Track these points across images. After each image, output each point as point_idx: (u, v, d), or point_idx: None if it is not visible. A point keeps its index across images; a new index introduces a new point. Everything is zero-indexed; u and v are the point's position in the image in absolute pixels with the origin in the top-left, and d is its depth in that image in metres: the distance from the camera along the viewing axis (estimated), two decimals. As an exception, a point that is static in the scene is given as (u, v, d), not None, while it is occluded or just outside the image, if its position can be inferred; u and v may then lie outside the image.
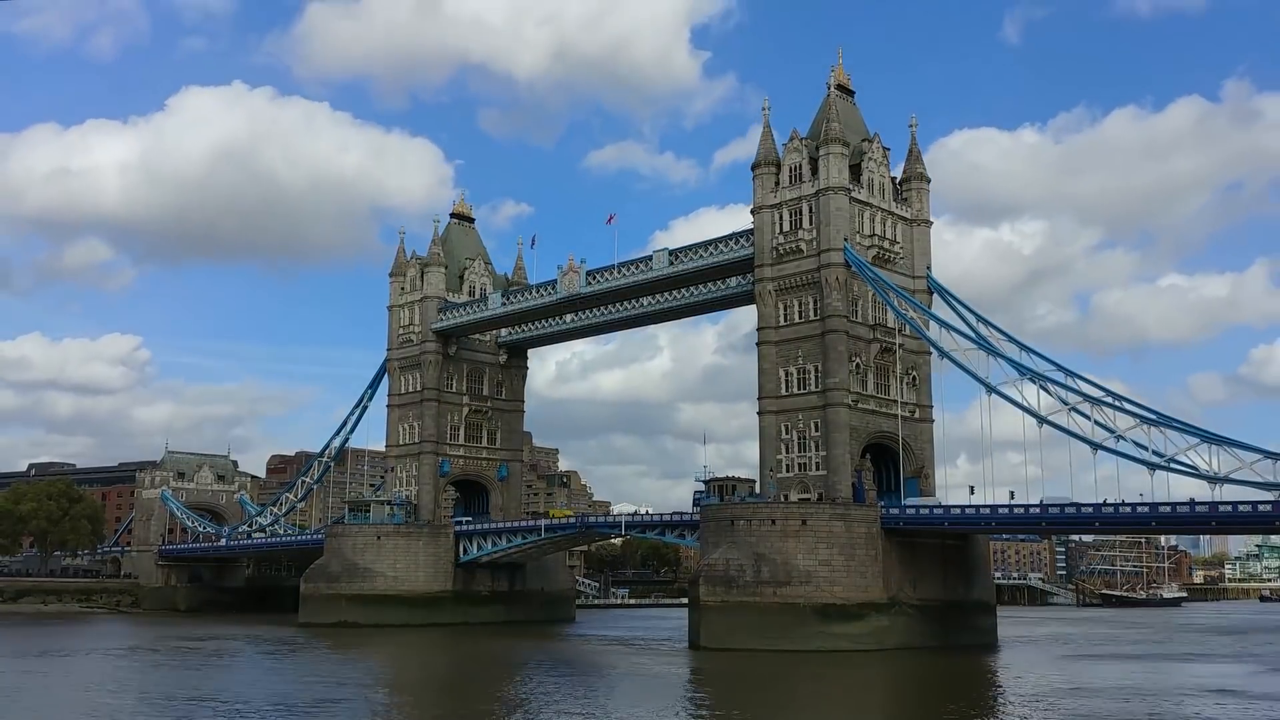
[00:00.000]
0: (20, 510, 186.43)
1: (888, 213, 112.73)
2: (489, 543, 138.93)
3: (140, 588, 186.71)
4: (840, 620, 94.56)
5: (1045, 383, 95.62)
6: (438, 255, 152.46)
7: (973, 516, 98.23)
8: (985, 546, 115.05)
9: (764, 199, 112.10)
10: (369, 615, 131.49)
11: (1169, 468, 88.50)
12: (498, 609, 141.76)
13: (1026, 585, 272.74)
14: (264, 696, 62.95)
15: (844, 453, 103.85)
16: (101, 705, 60.22)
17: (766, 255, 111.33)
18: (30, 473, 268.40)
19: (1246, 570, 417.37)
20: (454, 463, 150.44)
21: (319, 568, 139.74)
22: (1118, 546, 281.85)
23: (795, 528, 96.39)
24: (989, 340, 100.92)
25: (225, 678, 76.31)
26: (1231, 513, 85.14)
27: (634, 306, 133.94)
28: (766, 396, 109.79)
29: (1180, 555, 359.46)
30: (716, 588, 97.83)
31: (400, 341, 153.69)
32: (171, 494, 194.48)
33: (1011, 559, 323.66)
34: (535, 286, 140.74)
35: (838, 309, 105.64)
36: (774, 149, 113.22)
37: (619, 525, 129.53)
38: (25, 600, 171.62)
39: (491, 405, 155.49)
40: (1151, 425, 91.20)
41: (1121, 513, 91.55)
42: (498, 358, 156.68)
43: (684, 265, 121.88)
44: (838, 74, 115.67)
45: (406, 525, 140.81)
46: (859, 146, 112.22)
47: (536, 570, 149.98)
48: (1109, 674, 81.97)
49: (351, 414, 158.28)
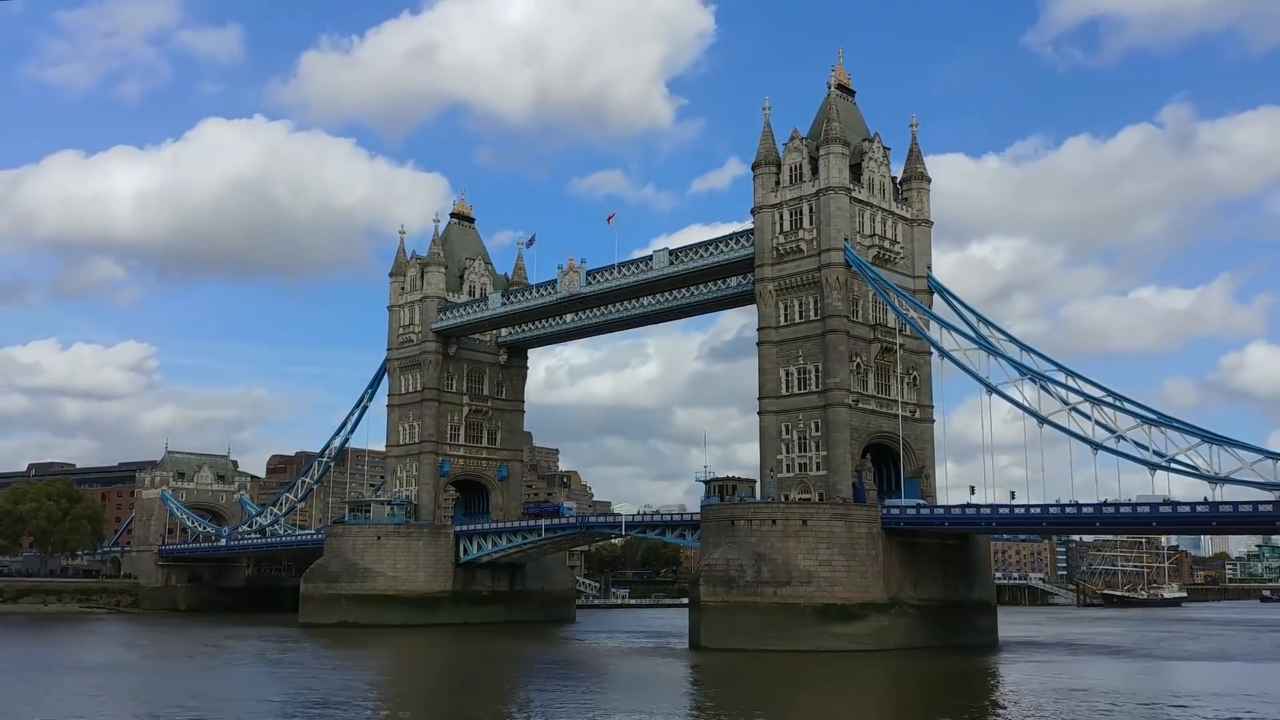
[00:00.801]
0: (20, 510, 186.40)
1: (888, 213, 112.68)
2: (489, 543, 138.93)
3: (140, 588, 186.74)
4: (840, 620, 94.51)
5: (1045, 383, 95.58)
6: (438, 255, 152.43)
7: (973, 516, 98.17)
8: (985, 546, 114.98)
9: (764, 199, 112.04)
10: (369, 615, 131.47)
11: (1169, 468, 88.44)
12: (498, 609, 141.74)
13: (1027, 585, 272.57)
14: (264, 697, 62.86)
15: (844, 453, 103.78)
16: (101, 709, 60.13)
17: (767, 255, 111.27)
18: (30, 473, 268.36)
19: (1247, 570, 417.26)
20: (454, 463, 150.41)
21: (319, 568, 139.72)
22: (1118, 546, 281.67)
23: (796, 528, 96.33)
24: (989, 340, 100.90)
25: (225, 677, 76.18)
26: (1231, 513, 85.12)
27: (634, 307, 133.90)
28: (767, 396, 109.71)
29: (1180, 555, 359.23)
30: (717, 588, 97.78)
31: (400, 341, 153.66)
32: (171, 494, 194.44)
33: (1012, 559, 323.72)
34: (535, 286, 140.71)
35: (838, 309, 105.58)
36: (774, 149, 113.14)
37: (619, 525, 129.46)
38: (25, 600, 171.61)
39: (491, 405, 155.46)
40: (1151, 425, 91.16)
41: (1121, 513, 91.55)
42: (498, 358, 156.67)
43: (684, 265, 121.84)
44: (838, 74, 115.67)
45: (406, 525, 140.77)
46: (859, 146, 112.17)
47: (536, 570, 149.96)
48: (1109, 673, 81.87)
49: (351, 414, 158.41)
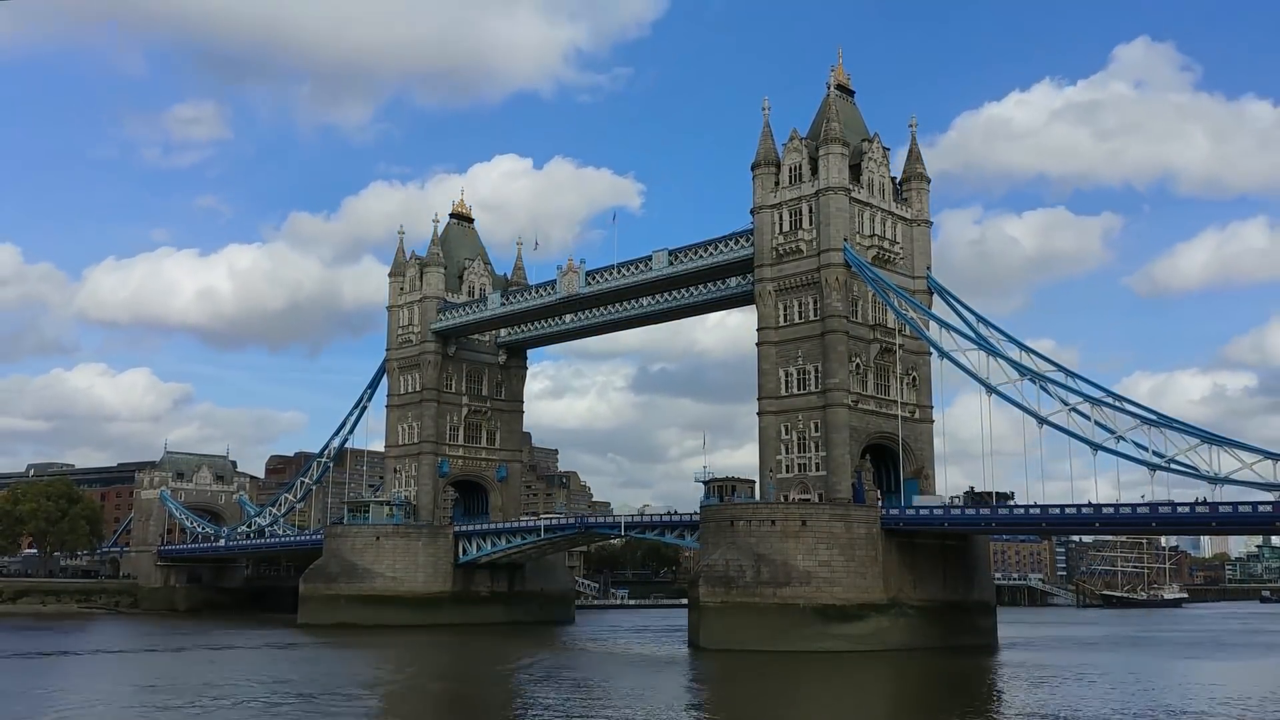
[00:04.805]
0: (19, 510, 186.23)
1: (888, 213, 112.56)
2: (488, 543, 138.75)
3: (139, 588, 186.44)
4: (840, 621, 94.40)
5: (1045, 383, 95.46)
6: (437, 255, 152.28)
7: (973, 516, 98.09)
8: (985, 547, 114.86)
9: (764, 199, 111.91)
10: (368, 616, 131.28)
11: (1169, 468, 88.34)
12: (497, 610, 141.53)
13: (1026, 586, 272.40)
14: (264, 698, 62.74)
15: (844, 453, 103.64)
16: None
17: (766, 255, 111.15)
18: (29, 473, 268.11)
19: (1247, 571, 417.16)
20: (453, 463, 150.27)
21: (318, 568, 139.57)
22: (1118, 547, 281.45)
23: (795, 528, 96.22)
24: (989, 340, 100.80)
25: (224, 677, 76.04)
26: (1231, 513, 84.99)
27: (634, 307, 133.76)
28: (766, 397, 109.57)
29: (1180, 556, 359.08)
30: (716, 588, 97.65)
31: (399, 342, 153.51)
32: (170, 494, 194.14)
33: (1011, 559, 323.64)
34: (535, 287, 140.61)
35: (838, 309, 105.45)
36: (774, 149, 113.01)
37: (619, 526, 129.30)
38: (24, 601, 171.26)
39: (491, 405, 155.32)
40: (1151, 426, 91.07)
41: (1121, 513, 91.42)
42: (497, 358, 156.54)
43: (684, 265, 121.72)
44: (838, 74, 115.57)
45: (406, 526, 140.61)
46: (859, 146, 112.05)
47: (536, 571, 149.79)
48: (1109, 673, 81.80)
49: (351, 414, 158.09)
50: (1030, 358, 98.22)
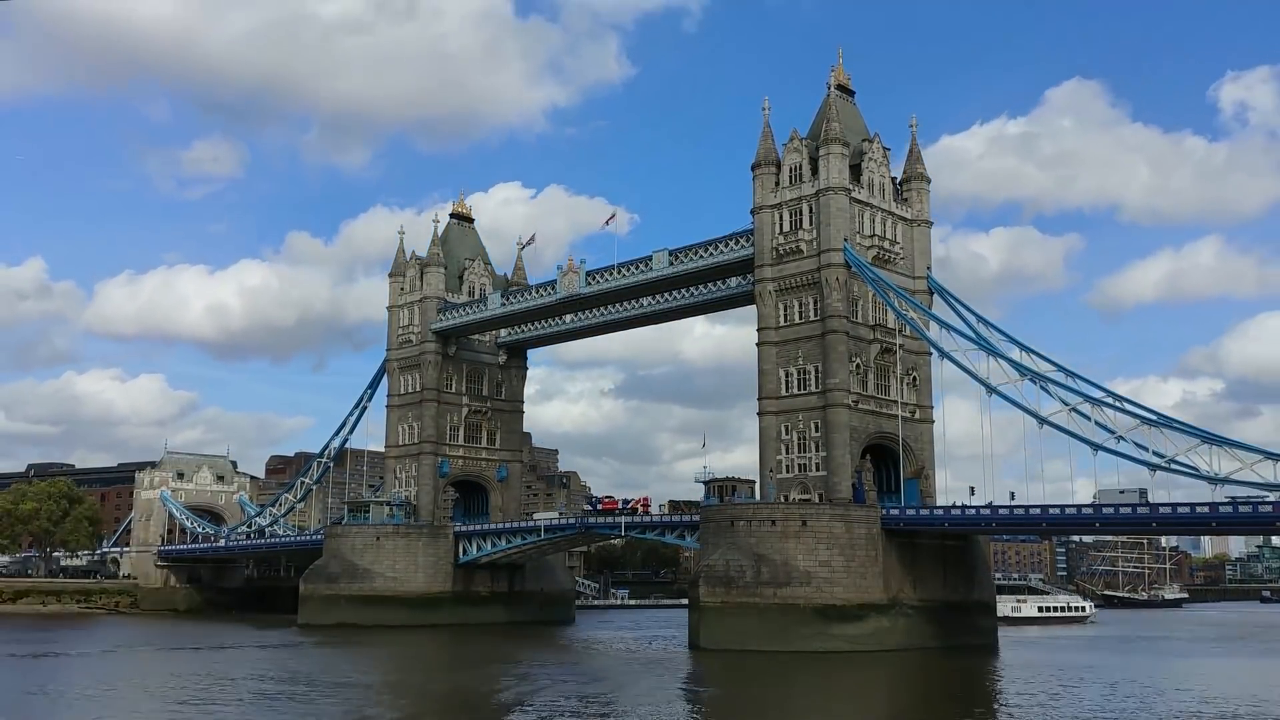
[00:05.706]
0: (20, 511, 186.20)
1: (888, 213, 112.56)
2: (488, 543, 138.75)
3: (139, 588, 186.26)
4: (840, 621, 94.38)
5: (1045, 383, 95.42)
6: (437, 255, 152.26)
7: (973, 517, 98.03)
8: (985, 547, 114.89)
9: (764, 199, 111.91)
10: (368, 616, 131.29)
11: (1169, 468, 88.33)
12: (497, 610, 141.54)
13: (1026, 586, 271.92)
14: (263, 699, 62.72)
15: (844, 453, 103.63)
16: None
17: (766, 255, 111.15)
18: (30, 473, 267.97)
19: (1247, 571, 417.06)
20: (453, 463, 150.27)
21: (318, 568, 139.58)
22: (1118, 547, 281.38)
23: (795, 528, 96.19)
24: (989, 340, 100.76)
25: (224, 677, 76.05)
26: (1231, 513, 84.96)
27: (634, 307, 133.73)
28: (766, 397, 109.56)
29: (1181, 556, 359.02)
30: (716, 588, 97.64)
31: (400, 342, 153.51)
32: (171, 494, 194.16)
33: (1011, 559, 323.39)
34: (535, 287, 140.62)
35: (838, 309, 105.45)
36: (774, 149, 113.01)
37: (619, 526, 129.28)
38: (24, 601, 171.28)
39: (491, 406, 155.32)
40: (1151, 426, 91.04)
41: (1121, 513, 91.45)
42: (497, 358, 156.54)
43: (684, 265, 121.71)
44: (838, 74, 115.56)
45: (406, 526, 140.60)
46: (859, 146, 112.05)
47: (536, 571, 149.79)
48: (1108, 672, 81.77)
49: (351, 414, 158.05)
50: (1030, 358, 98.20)
